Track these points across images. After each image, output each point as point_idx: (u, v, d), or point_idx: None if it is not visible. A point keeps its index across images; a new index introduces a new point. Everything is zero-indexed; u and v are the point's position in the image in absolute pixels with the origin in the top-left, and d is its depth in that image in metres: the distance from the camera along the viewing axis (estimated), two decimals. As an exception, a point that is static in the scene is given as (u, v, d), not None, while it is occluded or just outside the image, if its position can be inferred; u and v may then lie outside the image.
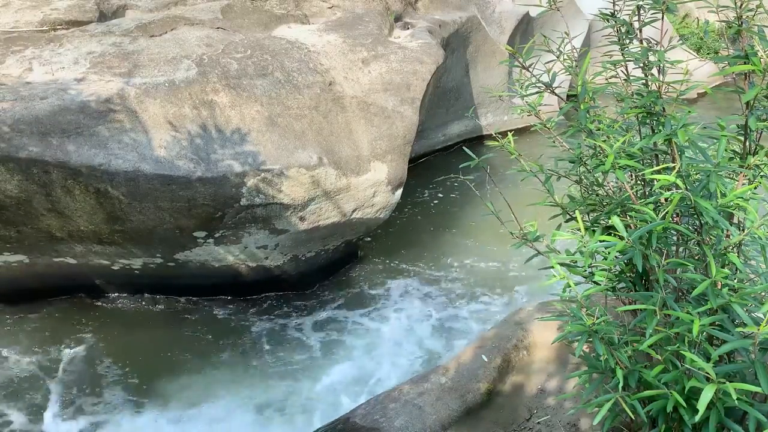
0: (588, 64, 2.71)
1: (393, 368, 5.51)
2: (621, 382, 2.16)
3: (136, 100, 5.42)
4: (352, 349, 5.75)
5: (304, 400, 5.16)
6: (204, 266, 6.05)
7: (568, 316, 2.29)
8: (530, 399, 3.72)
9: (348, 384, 5.35)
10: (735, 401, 1.84)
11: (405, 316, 6.13)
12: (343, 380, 5.39)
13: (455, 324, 6.04)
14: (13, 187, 5.13)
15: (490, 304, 6.30)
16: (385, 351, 5.72)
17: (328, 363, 5.57)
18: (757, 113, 2.39)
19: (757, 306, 2.04)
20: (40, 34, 6.10)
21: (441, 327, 6.01)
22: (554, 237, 2.42)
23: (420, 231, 7.52)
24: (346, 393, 5.23)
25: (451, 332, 5.94)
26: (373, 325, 6.04)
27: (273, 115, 5.75)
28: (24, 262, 5.92)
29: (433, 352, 5.69)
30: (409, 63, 6.57)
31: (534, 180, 3.07)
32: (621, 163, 2.41)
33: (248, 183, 5.43)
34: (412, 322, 6.06)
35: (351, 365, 5.55)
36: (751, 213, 2.13)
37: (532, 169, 3.01)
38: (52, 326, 5.93)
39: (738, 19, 2.28)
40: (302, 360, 5.61)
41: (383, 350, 5.73)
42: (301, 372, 5.47)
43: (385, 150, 6.15)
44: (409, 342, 5.82)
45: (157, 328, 5.98)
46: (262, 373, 5.45)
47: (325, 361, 5.60)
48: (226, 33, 6.47)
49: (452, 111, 9.47)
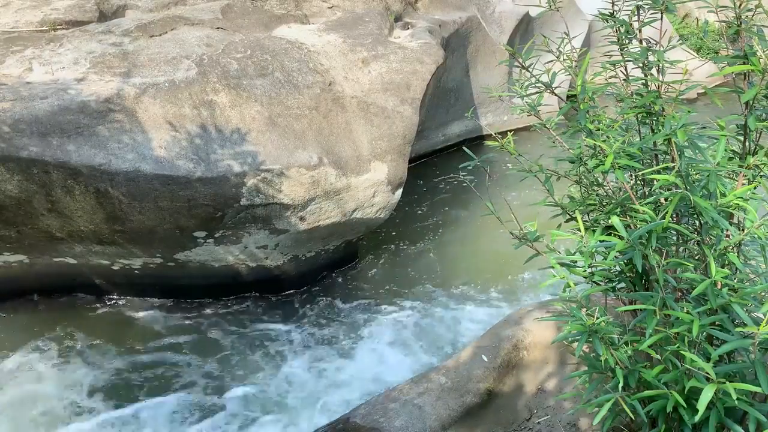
0: (588, 64, 2.71)
1: (392, 368, 5.50)
2: (621, 382, 2.16)
3: (136, 100, 5.42)
4: (351, 348, 5.75)
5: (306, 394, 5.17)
6: (204, 266, 6.05)
7: (568, 316, 2.29)
8: (530, 399, 3.72)
9: (347, 384, 5.35)
10: (735, 401, 1.85)
11: (405, 316, 6.13)
12: (343, 380, 5.39)
13: (455, 324, 6.04)
14: (13, 187, 5.13)
15: (490, 304, 6.30)
16: (385, 351, 5.72)
17: (329, 362, 5.57)
18: (756, 113, 2.39)
19: (757, 306, 2.05)
20: (40, 34, 6.10)
21: (441, 327, 6.01)
22: (554, 237, 2.42)
23: (420, 231, 7.52)
24: (346, 394, 5.23)
25: (450, 332, 5.94)
26: (373, 325, 6.04)
27: (273, 115, 5.76)
28: (24, 262, 5.92)
29: (432, 353, 5.69)
30: (409, 63, 6.57)
31: (534, 180, 3.07)
32: (621, 163, 2.41)
33: (248, 183, 5.43)
34: (411, 322, 6.05)
35: (349, 364, 5.55)
36: (750, 213, 2.13)
37: (532, 169, 3.02)
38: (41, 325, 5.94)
39: (737, 19, 2.29)
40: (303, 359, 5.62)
41: (382, 350, 5.73)
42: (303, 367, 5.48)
43: (385, 150, 6.15)
44: (409, 342, 5.82)
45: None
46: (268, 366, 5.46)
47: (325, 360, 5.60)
48: (226, 33, 6.47)
49: (452, 111, 9.47)
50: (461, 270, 6.83)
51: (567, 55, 2.90)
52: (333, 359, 5.62)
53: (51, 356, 5.62)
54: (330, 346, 5.79)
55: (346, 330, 6.00)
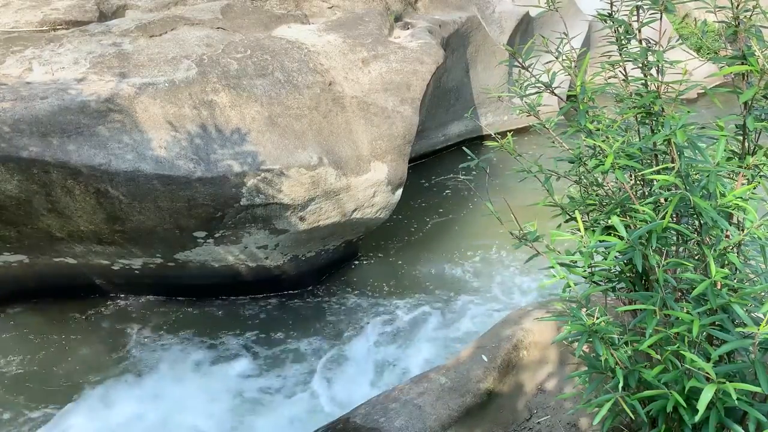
0: (587, 64, 2.72)
1: (391, 369, 5.51)
2: (621, 382, 2.16)
3: (136, 100, 5.42)
4: (350, 348, 5.75)
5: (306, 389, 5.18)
6: (204, 266, 6.05)
7: (568, 316, 2.29)
8: (530, 399, 3.73)
9: (346, 382, 5.35)
10: (735, 401, 1.85)
11: (405, 316, 6.13)
12: (342, 379, 5.39)
13: (455, 323, 6.04)
14: (13, 187, 5.13)
15: (489, 304, 6.30)
16: (384, 351, 5.72)
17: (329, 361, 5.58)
18: (755, 113, 2.39)
19: (757, 306, 2.05)
20: (40, 34, 6.10)
21: (440, 327, 6.01)
22: (554, 237, 2.42)
23: (420, 231, 7.52)
24: (344, 393, 5.23)
25: (450, 331, 5.94)
26: (373, 324, 6.04)
27: (273, 115, 5.76)
28: (24, 262, 5.92)
29: (432, 353, 5.69)
30: (409, 63, 6.57)
31: (534, 180, 3.07)
32: (620, 163, 2.41)
33: (248, 183, 5.43)
34: (411, 322, 6.05)
35: (349, 363, 5.56)
36: (750, 213, 2.13)
37: (531, 169, 3.02)
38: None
39: (735, 19, 2.29)
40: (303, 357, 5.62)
41: (382, 351, 5.73)
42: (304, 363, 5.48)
43: (385, 150, 6.15)
44: (408, 342, 5.82)
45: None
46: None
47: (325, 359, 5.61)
48: (226, 33, 6.47)
49: (452, 111, 9.47)
50: (461, 270, 6.83)
51: (566, 55, 2.90)
52: (332, 359, 5.63)
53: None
54: (330, 347, 5.80)
55: (346, 330, 5.99)
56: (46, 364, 5.57)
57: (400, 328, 5.97)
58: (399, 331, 5.94)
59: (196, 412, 5.08)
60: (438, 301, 6.34)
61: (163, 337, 5.92)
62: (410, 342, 5.81)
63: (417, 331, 5.94)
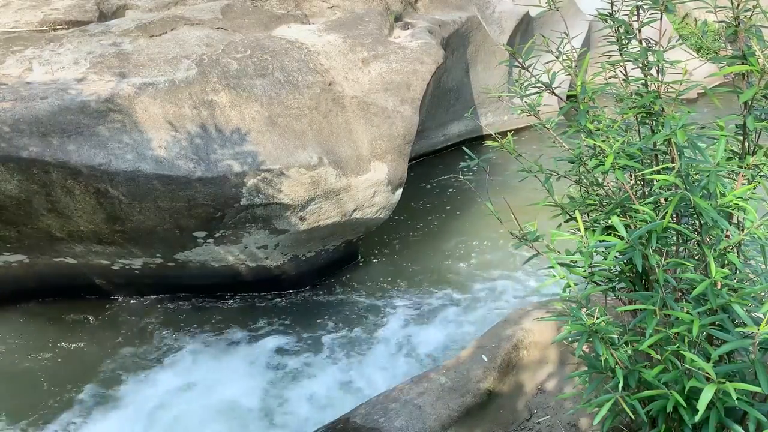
0: (587, 64, 2.72)
1: (390, 368, 5.50)
2: (621, 382, 2.16)
3: (136, 100, 5.42)
4: (350, 347, 5.75)
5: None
6: (204, 266, 6.05)
7: (568, 316, 2.29)
8: (530, 399, 3.73)
9: (345, 382, 5.35)
10: (735, 401, 1.85)
11: (404, 316, 6.13)
12: (341, 379, 5.39)
13: (454, 323, 6.04)
14: (13, 187, 5.13)
15: (489, 304, 6.30)
16: (384, 351, 5.72)
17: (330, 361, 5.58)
18: (755, 113, 2.39)
19: (757, 306, 2.05)
20: (40, 34, 6.10)
21: (440, 327, 6.01)
22: (554, 237, 2.42)
23: (420, 231, 7.52)
24: (344, 392, 5.23)
25: (450, 331, 5.94)
26: (372, 324, 6.04)
27: (273, 115, 5.76)
28: (24, 262, 5.92)
29: (431, 353, 5.69)
30: (409, 63, 6.57)
31: (534, 180, 3.07)
32: (620, 163, 2.41)
33: (248, 183, 5.43)
34: (410, 322, 6.05)
35: (349, 362, 5.55)
36: (750, 213, 2.13)
37: (531, 169, 3.02)
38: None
39: (735, 19, 2.29)
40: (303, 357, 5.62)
41: (381, 350, 5.73)
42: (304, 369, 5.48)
43: (385, 150, 6.15)
44: (409, 341, 5.82)
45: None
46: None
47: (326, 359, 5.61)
48: (226, 33, 6.47)
49: (452, 111, 9.47)
50: (461, 269, 6.83)
51: (567, 55, 2.90)
52: (332, 359, 5.63)
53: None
54: (329, 346, 5.80)
55: (345, 329, 5.99)
56: (50, 363, 5.57)
57: (399, 329, 5.97)
58: (399, 332, 5.93)
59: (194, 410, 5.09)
60: (438, 300, 6.34)
61: (163, 336, 5.92)
62: (410, 342, 5.81)
63: (417, 331, 5.94)
